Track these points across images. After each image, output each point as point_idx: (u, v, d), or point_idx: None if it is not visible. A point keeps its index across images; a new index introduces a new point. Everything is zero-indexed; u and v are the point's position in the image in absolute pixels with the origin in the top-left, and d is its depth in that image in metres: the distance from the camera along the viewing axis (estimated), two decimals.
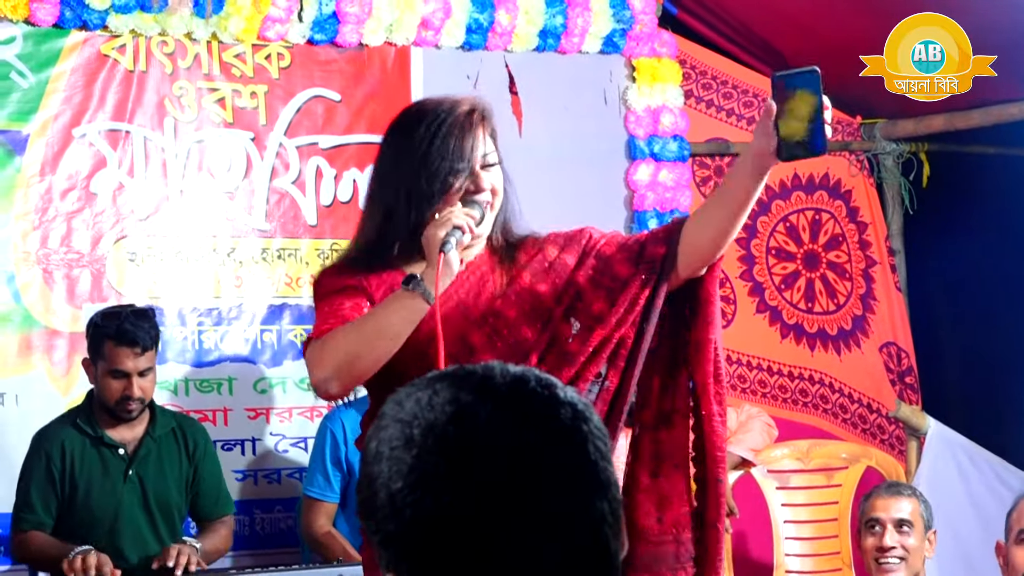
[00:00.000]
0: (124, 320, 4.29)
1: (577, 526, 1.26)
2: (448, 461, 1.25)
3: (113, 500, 4.36)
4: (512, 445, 1.26)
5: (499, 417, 1.27)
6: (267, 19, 5.04)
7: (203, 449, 4.54)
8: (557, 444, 1.28)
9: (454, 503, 1.24)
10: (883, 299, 6.13)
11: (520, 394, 1.30)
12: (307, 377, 4.97)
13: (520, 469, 1.25)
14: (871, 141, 6.10)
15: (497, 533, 1.24)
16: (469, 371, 1.32)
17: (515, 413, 1.28)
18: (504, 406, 1.28)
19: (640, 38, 5.65)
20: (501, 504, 1.24)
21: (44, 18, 4.78)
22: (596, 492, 1.28)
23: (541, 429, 1.27)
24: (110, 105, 4.91)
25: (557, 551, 1.25)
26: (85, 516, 4.33)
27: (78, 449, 4.35)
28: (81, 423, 4.37)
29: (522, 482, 1.24)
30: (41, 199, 4.81)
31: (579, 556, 1.26)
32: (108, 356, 4.28)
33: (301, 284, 5.10)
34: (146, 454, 4.41)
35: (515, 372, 1.32)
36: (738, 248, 6.00)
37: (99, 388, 4.35)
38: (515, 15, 5.42)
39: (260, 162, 5.11)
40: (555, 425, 1.29)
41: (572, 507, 1.26)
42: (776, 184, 6.07)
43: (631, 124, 5.67)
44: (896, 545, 4.17)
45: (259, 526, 5.02)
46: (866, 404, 6.07)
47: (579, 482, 1.27)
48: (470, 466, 1.25)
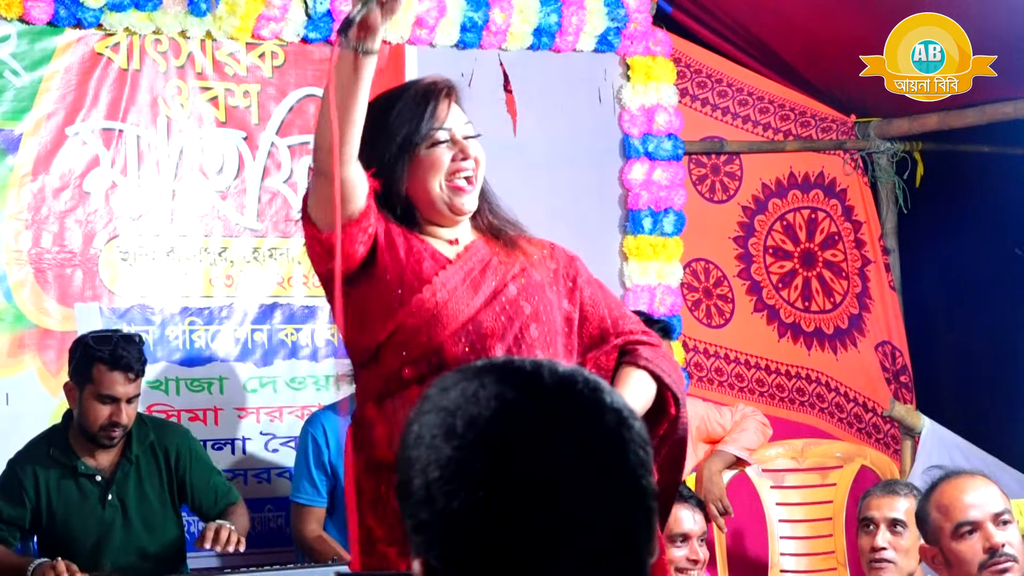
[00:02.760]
0: (116, 346, 4.24)
1: (610, 532, 1.27)
2: (487, 458, 1.26)
3: (95, 525, 4.33)
4: (552, 447, 1.26)
5: (542, 418, 1.28)
6: (262, 17, 5.04)
7: (185, 454, 4.48)
8: (597, 449, 1.28)
9: (489, 499, 1.25)
10: (878, 298, 6.13)
11: (565, 395, 1.30)
12: (297, 376, 5.04)
13: (558, 472, 1.26)
14: (865, 140, 6.09)
15: (529, 532, 1.24)
16: (518, 366, 1.33)
17: (558, 415, 1.28)
18: (548, 406, 1.29)
19: (634, 36, 5.65)
20: (536, 504, 1.25)
21: (38, 16, 4.78)
22: (632, 500, 1.29)
23: (583, 433, 1.28)
24: (103, 104, 4.90)
25: (588, 555, 1.25)
26: (68, 541, 4.29)
27: (53, 481, 4.30)
28: (55, 454, 4.32)
29: (559, 485, 1.25)
30: (34, 198, 4.81)
31: (609, 561, 1.27)
32: (98, 380, 4.23)
33: (292, 283, 5.10)
34: (123, 477, 4.37)
35: (563, 372, 1.33)
36: (736, 247, 6.00)
37: (82, 412, 4.28)
38: (509, 13, 5.42)
39: (252, 161, 5.11)
40: (597, 430, 1.29)
41: (607, 513, 1.27)
42: (773, 183, 6.07)
43: (625, 123, 5.67)
44: (887, 545, 4.08)
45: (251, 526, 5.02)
46: (861, 403, 6.07)
47: (616, 489, 1.28)
48: (509, 465, 1.26)
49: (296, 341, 5.09)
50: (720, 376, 5.88)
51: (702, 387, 5.77)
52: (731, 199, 6.02)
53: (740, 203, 6.03)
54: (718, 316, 5.94)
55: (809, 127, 6.09)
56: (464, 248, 2.84)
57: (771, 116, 6.04)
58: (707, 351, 5.88)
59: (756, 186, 6.06)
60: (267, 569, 4.17)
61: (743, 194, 6.04)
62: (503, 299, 2.79)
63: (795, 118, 6.07)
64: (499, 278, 2.81)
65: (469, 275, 2.79)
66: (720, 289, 5.96)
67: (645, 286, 5.60)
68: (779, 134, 6.06)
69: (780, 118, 6.05)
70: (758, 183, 6.06)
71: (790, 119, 6.07)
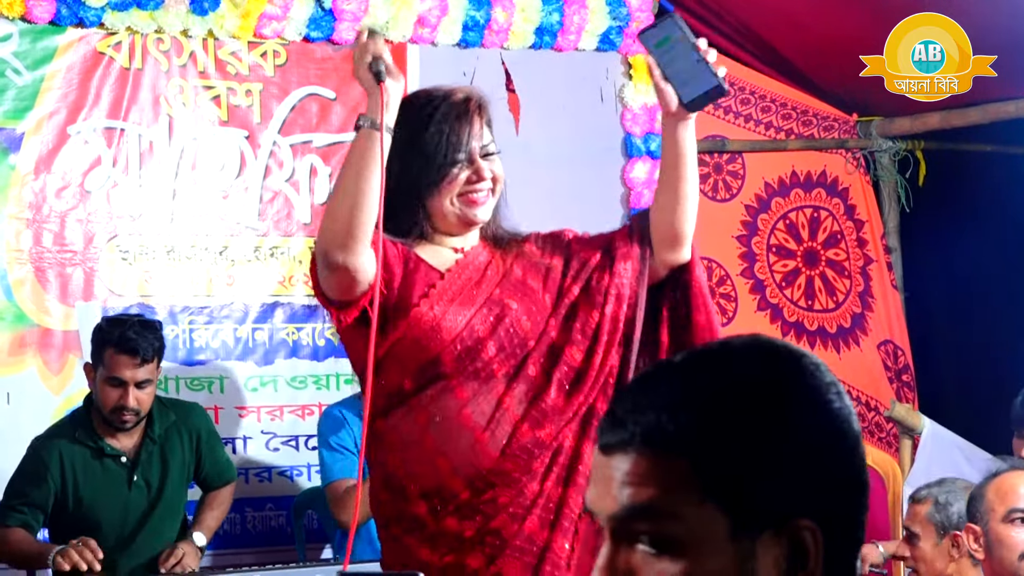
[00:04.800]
0: (128, 328, 4.27)
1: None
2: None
3: (120, 507, 4.36)
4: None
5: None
6: (264, 16, 5.04)
7: (206, 434, 4.54)
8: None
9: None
10: (880, 297, 6.13)
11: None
12: (298, 375, 5.04)
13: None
14: (867, 139, 6.09)
15: None
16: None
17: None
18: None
19: (636, 36, 5.64)
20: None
21: (40, 15, 4.79)
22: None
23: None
24: (105, 103, 4.91)
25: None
26: (93, 526, 4.30)
27: (79, 463, 4.33)
28: (80, 436, 4.35)
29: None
30: (35, 197, 4.81)
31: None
32: (107, 363, 4.27)
33: (294, 283, 5.11)
34: (148, 458, 4.41)
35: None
36: (739, 246, 6.00)
37: (96, 394, 4.33)
38: (511, 12, 5.42)
39: (254, 160, 5.11)
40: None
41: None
42: (775, 181, 6.07)
43: (627, 122, 5.67)
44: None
45: (250, 524, 5.02)
46: (864, 402, 6.07)
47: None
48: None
49: (297, 340, 5.10)
50: None
51: None
52: (734, 198, 6.02)
53: (743, 202, 6.03)
54: (721, 315, 5.94)
55: (811, 126, 6.09)
56: (463, 254, 2.85)
57: (773, 115, 6.03)
58: None
59: (759, 185, 6.06)
60: (267, 569, 4.18)
61: (746, 193, 6.04)
62: (491, 301, 2.81)
63: (797, 117, 6.07)
64: (492, 283, 2.83)
65: (466, 285, 2.81)
66: (723, 288, 5.96)
67: None
68: (781, 133, 6.06)
69: (782, 117, 6.05)
70: (761, 182, 6.06)
71: (792, 118, 6.07)
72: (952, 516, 3.84)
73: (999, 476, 3.43)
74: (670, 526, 1.28)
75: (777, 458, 1.29)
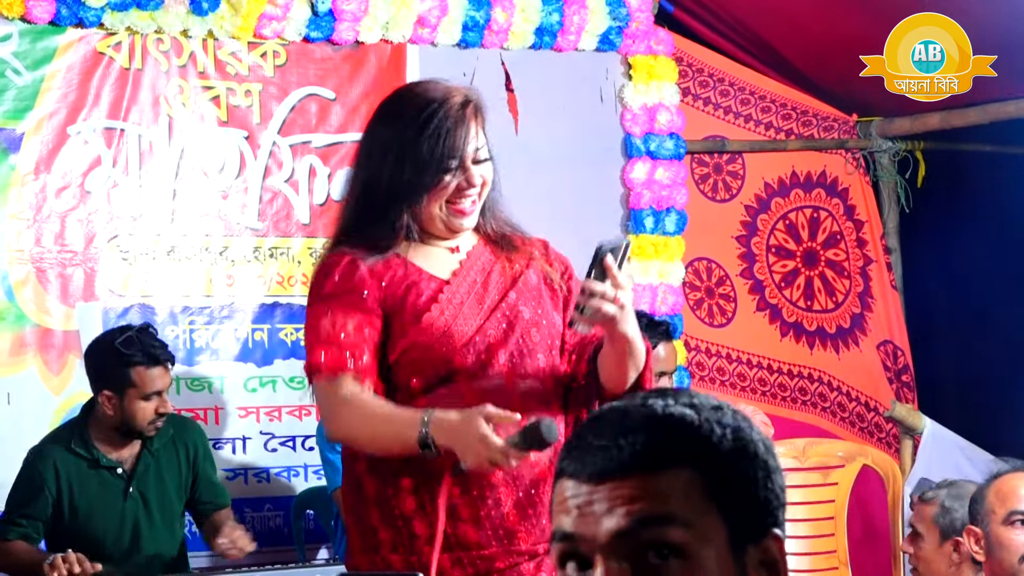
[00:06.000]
0: (142, 342, 4.26)
1: None
2: None
3: (116, 518, 4.35)
4: None
5: None
6: (263, 16, 5.04)
7: (202, 451, 4.53)
8: None
9: None
10: (879, 297, 6.13)
11: None
12: (297, 376, 5.03)
13: None
14: (867, 139, 6.09)
15: None
16: None
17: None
18: None
19: (636, 36, 5.65)
20: None
21: (40, 15, 4.79)
22: None
23: None
24: (105, 103, 4.91)
25: None
26: (90, 536, 4.29)
27: (74, 473, 4.31)
28: (76, 447, 4.32)
29: None
30: (35, 197, 4.81)
31: None
32: (140, 382, 4.24)
33: (293, 283, 5.11)
34: (144, 470, 4.39)
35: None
36: (739, 246, 6.00)
37: (128, 415, 4.28)
38: (511, 13, 5.42)
39: (253, 161, 5.11)
40: None
41: None
42: (775, 182, 6.07)
43: (627, 122, 5.67)
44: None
45: (249, 525, 4.99)
46: (864, 402, 6.07)
47: None
48: None
49: (296, 341, 5.09)
50: (722, 375, 5.88)
51: (704, 386, 5.76)
52: (733, 198, 6.02)
53: (742, 202, 6.03)
54: (720, 315, 5.94)
55: (811, 126, 6.09)
56: (466, 255, 2.86)
57: (773, 115, 6.03)
58: (709, 350, 5.88)
59: (758, 185, 6.05)
60: (266, 569, 4.18)
61: (745, 193, 6.04)
62: (504, 306, 2.82)
63: (797, 117, 6.07)
64: (501, 287, 2.84)
65: (472, 288, 2.82)
66: (722, 288, 5.96)
67: (647, 285, 5.60)
68: (781, 133, 6.06)
69: (782, 117, 6.05)
70: (760, 182, 6.06)
71: (792, 118, 6.07)
72: (956, 522, 3.83)
73: (1000, 478, 3.43)
74: (681, 533, 1.31)
75: (766, 470, 1.36)
